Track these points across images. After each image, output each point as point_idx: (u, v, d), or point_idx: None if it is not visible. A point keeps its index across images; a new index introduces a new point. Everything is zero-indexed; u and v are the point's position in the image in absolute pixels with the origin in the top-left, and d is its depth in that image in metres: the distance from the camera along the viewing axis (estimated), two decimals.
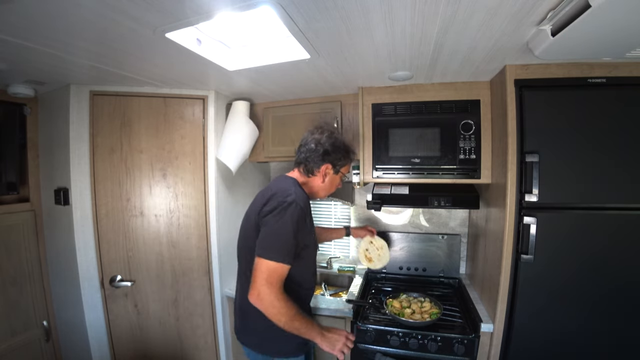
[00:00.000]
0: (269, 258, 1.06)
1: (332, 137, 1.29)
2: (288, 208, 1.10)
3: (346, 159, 1.32)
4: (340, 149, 1.29)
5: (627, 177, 1.21)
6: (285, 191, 1.16)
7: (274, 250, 1.07)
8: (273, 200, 1.14)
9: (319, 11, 0.89)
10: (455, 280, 1.96)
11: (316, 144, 1.26)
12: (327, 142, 1.26)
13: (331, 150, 1.26)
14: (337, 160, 1.29)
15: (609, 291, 1.25)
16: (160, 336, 1.80)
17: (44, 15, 0.88)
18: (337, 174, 1.32)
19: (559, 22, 0.90)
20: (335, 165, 1.30)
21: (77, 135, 1.59)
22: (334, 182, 1.35)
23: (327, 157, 1.27)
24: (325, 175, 1.29)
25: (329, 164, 1.28)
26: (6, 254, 1.64)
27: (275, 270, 1.06)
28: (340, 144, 1.30)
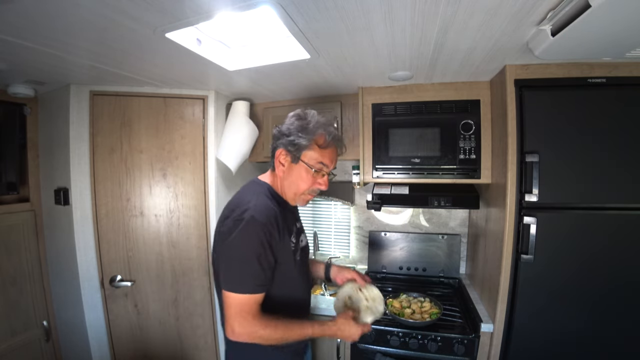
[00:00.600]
0: (235, 291, 0.90)
1: (294, 116, 1.02)
2: (245, 228, 0.90)
3: (304, 139, 0.97)
4: (296, 128, 0.98)
5: (627, 177, 1.21)
6: (243, 206, 0.95)
7: (239, 282, 0.90)
8: (229, 219, 0.95)
9: (319, 11, 0.89)
10: (455, 280, 1.96)
11: (276, 127, 1.04)
12: (285, 122, 1.02)
13: (285, 130, 1.00)
14: (290, 143, 0.98)
15: (609, 291, 1.25)
16: (160, 336, 1.80)
17: (44, 15, 0.88)
18: (296, 162, 1.00)
19: (559, 22, 0.90)
20: (289, 150, 0.99)
21: (77, 135, 1.59)
22: (300, 175, 1.01)
23: (279, 139, 1.01)
24: (282, 166, 1.02)
25: (281, 148, 1.00)
26: (6, 254, 1.64)
27: (245, 304, 0.90)
28: (299, 123, 0.99)
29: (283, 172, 1.03)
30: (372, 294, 1.19)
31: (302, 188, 1.03)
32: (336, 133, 1.04)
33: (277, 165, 1.03)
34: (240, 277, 0.91)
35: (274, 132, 1.05)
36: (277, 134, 1.03)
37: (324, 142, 1.00)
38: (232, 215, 0.94)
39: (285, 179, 1.03)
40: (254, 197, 0.98)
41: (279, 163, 1.02)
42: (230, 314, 0.90)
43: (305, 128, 0.98)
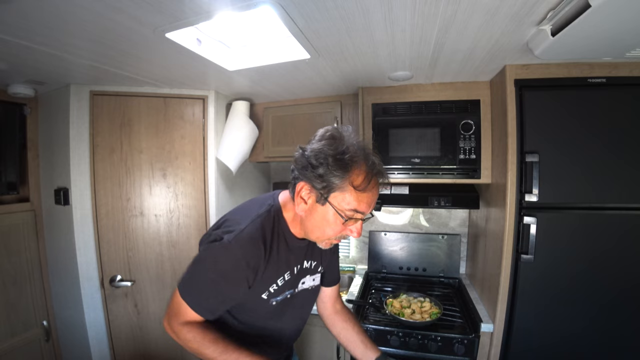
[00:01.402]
0: (181, 294, 0.82)
1: (324, 137, 0.78)
2: (217, 251, 0.78)
3: (336, 177, 0.74)
4: (325, 158, 0.74)
5: (627, 177, 1.21)
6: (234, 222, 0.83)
7: (188, 289, 0.82)
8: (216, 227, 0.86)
9: (319, 11, 0.89)
10: (455, 280, 1.96)
11: (300, 149, 0.82)
12: (315, 150, 0.77)
13: (313, 159, 0.76)
14: (318, 177, 0.75)
15: (610, 291, 1.25)
16: (160, 336, 1.80)
17: (44, 15, 0.88)
18: (322, 204, 0.77)
19: (559, 22, 0.90)
20: (315, 187, 0.76)
21: (77, 135, 1.59)
22: (326, 219, 0.78)
23: (306, 171, 0.77)
24: (303, 202, 0.80)
25: (305, 181, 0.78)
26: (6, 254, 1.64)
27: (185, 309, 0.81)
28: (330, 151, 0.75)
29: (304, 210, 0.81)
30: None
31: (328, 234, 0.82)
32: (380, 166, 0.79)
33: (298, 202, 0.81)
34: (190, 286, 0.83)
35: (296, 155, 0.82)
36: (302, 160, 0.79)
37: (362, 183, 0.75)
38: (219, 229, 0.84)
39: (306, 219, 0.82)
40: (248, 220, 0.83)
41: (301, 199, 0.80)
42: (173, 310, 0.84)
43: (338, 158, 0.74)
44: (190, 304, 0.81)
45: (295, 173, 0.82)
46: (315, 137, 0.81)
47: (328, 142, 0.77)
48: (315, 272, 1.01)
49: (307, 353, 1.69)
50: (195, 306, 0.81)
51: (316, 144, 0.78)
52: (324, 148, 0.76)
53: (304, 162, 0.78)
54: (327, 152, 0.75)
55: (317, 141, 0.79)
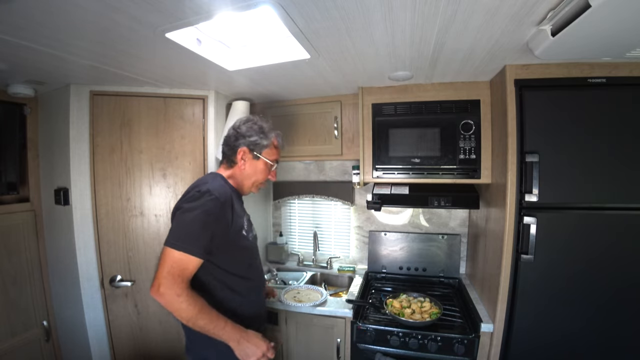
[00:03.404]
0: (172, 246, 0.96)
1: (248, 121, 1.24)
2: (200, 198, 1.03)
3: (263, 139, 1.21)
4: (255, 131, 1.21)
5: (627, 177, 1.21)
6: (200, 185, 1.09)
7: (179, 238, 0.98)
8: (187, 194, 1.10)
9: (319, 11, 0.89)
10: (455, 280, 1.96)
11: (233, 129, 1.23)
12: (242, 126, 1.22)
13: (245, 132, 1.20)
14: (252, 143, 1.20)
15: (610, 290, 1.25)
16: (160, 336, 1.80)
17: (44, 15, 0.88)
18: (257, 159, 1.22)
19: (559, 22, 0.90)
20: (252, 150, 1.20)
21: (77, 135, 1.59)
22: (258, 169, 1.23)
23: (242, 139, 1.20)
24: (243, 161, 1.20)
25: (244, 147, 1.20)
26: (6, 254, 1.64)
27: (180, 261, 0.96)
28: (256, 126, 1.22)
29: (243, 166, 1.21)
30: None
31: (261, 179, 1.25)
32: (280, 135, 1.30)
33: (239, 161, 1.20)
34: (181, 236, 0.98)
35: (230, 134, 1.23)
36: (237, 135, 1.21)
37: (277, 143, 1.27)
38: (190, 191, 1.09)
39: (245, 172, 1.22)
40: (210, 180, 1.14)
41: (241, 159, 1.20)
42: (162, 271, 0.95)
43: (263, 130, 1.22)
44: (187, 249, 0.97)
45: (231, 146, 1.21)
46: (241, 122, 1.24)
47: (252, 122, 1.23)
48: (252, 224, 1.30)
49: (307, 353, 1.69)
50: (192, 249, 0.97)
51: (243, 125, 1.22)
52: (252, 125, 1.22)
53: (237, 135, 1.21)
54: (255, 127, 1.22)
55: (242, 124, 1.23)
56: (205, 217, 1.01)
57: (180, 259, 0.96)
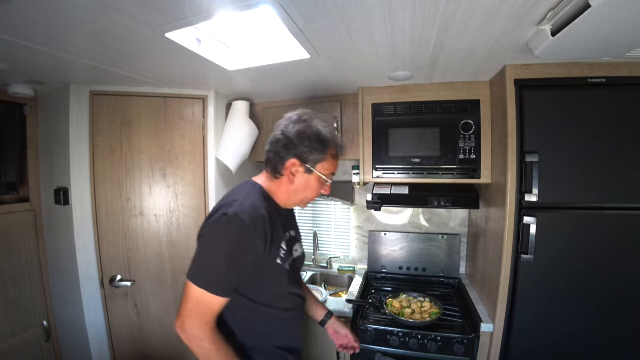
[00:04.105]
0: (196, 283, 0.83)
1: (301, 121, 0.95)
2: (226, 224, 0.84)
3: (320, 152, 0.95)
4: (309, 139, 0.93)
5: (627, 177, 1.21)
6: (229, 204, 0.89)
7: (202, 274, 0.85)
8: (213, 214, 0.90)
9: (318, 11, 0.89)
10: (455, 280, 1.96)
11: (281, 133, 0.95)
12: (293, 130, 0.94)
13: (297, 140, 0.93)
14: (306, 154, 0.94)
15: (610, 290, 1.25)
16: (160, 336, 1.80)
17: (44, 15, 0.88)
18: (309, 173, 0.96)
19: (559, 22, 0.90)
20: (305, 161, 0.95)
21: (77, 135, 1.60)
22: (310, 184, 0.98)
23: (293, 149, 0.93)
24: (292, 175, 0.96)
25: (295, 159, 0.94)
26: (6, 254, 1.64)
27: (203, 300, 0.83)
28: (311, 132, 0.94)
29: (292, 181, 0.97)
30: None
31: (311, 196, 1.01)
32: (341, 140, 1.04)
33: (287, 176, 0.96)
34: (204, 271, 0.85)
35: (278, 138, 0.95)
36: (286, 141, 0.94)
37: (336, 152, 1.00)
38: (217, 212, 0.89)
39: (293, 187, 0.98)
40: (242, 196, 0.92)
41: (290, 173, 0.96)
42: (186, 307, 0.84)
43: (318, 138, 0.94)
44: (210, 288, 0.83)
45: (278, 153, 0.95)
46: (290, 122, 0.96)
47: (305, 125, 0.95)
48: (298, 241, 1.12)
49: (307, 353, 1.69)
50: (215, 289, 0.83)
51: (294, 128, 0.94)
52: (306, 130, 0.94)
53: (287, 143, 0.94)
54: (309, 133, 0.94)
55: (293, 125, 0.95)
56: (231, 251, 0.84)
57: (203, 297, 0.83)
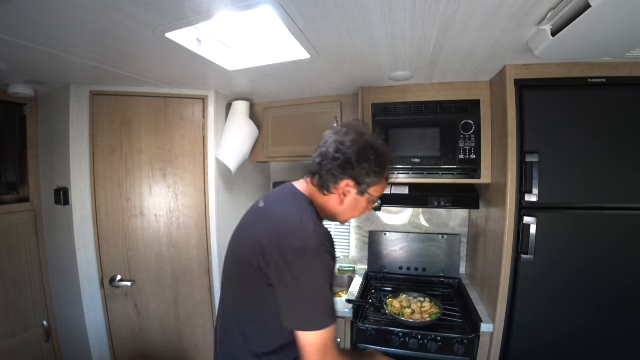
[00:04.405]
0: (315, 329, 0.78)
1: (361, 141, 0.87)
2: (315, 258, 0.79)
3: (378, 175, 0.89)
4: (368, 160, 0.86)
5: (627, 177, 1.21)
6: (301, 228, 0.82)
7: (318, 318, 0.79)
8: (284, 243, 0.80)
9: (319, 11, 0.89)
10: (455, 280, 1.96)
11: (337, 149, 0.87)
12: (352, 148, 0.86)
13: (356, 160, 0.86)
14: (362, 176, 0.87)
15: (609, 290, 1.25)
16: (160, 336, 1.80)
17: (44, 15, 0.88)
18: (362, 195, 0.91)
19: (559, 22, 0.90)
20: (360, 183, 0.88)
21: (77, 135, 1.59)
22: (359, 206, 0.94)
23: (350, 169, 0.86)
24: (344, 196, 0.90)
25: (350, 179, 0.88)
26: (6, 254, 1.64)
27: (328, 338, 0.79)
28: (372, 153, 0.87)
29: (342, 202, 0.92)
30: None
31: (356, 216, 0.99)
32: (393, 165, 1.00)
33: (338, 195, 0.90)
34: (320, 313, 0.80)
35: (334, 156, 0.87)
36: (343, 161, 0.86)
37: (389, 175, 0.96)
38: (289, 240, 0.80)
39: (342, 208, 0.93)
40: (308, 218, 0.86)
41: (342, 193, 0.90)
42: (312, 352, 0.78)
43: (378, 160, 0.88)
44: (327, 323, 0.79)
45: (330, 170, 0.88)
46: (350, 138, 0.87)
47: (367, 144, 0.88)
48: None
49: None
50: (330, 320, 0.80)
51: (354, 144, 0.87)
52: (367, 149, 0.87)
53: (344, 160, 0.86)
54: (369, 155, 0.87)
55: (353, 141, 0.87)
56: (330, 279, 0.82)
57: (327, 336, 0.79)
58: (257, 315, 0.88)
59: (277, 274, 0.80)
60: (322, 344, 0.79)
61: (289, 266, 0.78)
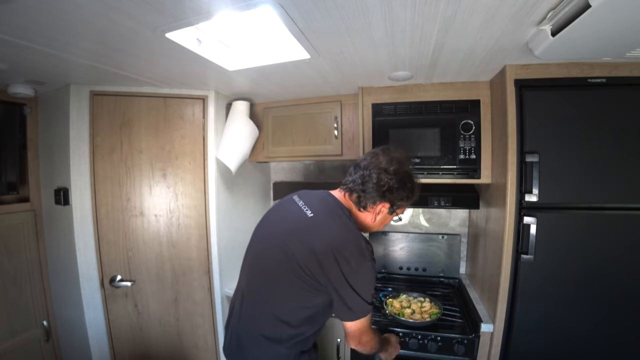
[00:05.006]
0: (361, 318, 1.02)
1: (401, 172, 1.04)
2: (368, 268, 0.98)
3: (409, 200, 1.08)
4: (406, 188, 1.05)
5: (627, 177, 1.21)
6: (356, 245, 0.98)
7: (363, 311, 1.01)
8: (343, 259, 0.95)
9: (318, 11, 0.89)
10: (455, 280, 1.96)
11: (379, 179, 1.02)
12: (394, 179, 1.02)
13: (396, 186, 1.03)
14: (398, 199, 1.05)
15: (609, 290, 1.25)
16: (160, 336, 1.80)
17: (44, 15, 0.88)
18: (391, 214, 1.10)
19: (559, 22, 0.90)
20: (393, 205, 1.06)
21: (77, 135, 1.59)
22: (385, 221, 1.13)
23: (389, 195, 1.04)
24: (378, 214, 1.08)
25: (387, 202, 1.05)
26: (6, 254, 1.64)
27: (368, 323, 1.06)
28: (408, 182, 1.06)
29: (375, 219, 1.09)
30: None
31: (381, 228, 1.18)
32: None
33: (374, 214, 1.08)
34: (366, 307, 1.00)
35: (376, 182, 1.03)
36: (384, 188, 1.02)
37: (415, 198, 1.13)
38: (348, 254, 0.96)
39: (373, 223, 1.11)
40: (359, 234, 1.03)
41: (377, 212, 1.08)
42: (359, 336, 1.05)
43: (412, 189, 1.08)
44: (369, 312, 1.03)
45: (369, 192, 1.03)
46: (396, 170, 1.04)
47: (408, 177, 1.06)
48: None
49: None
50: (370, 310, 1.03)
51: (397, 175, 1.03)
52: (407, 182, 1.05)
53: (389, 186, 1.02)
54: (407, 184, 1.05)
55: (394, 174, 1.03)
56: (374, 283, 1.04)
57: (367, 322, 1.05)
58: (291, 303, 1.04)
59: (336, 281, 0.96)
60: (361, 329, 1.04)
61: (348, 276, 0.95)
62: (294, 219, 1.06)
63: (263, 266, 1.08)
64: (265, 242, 1.10)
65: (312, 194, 1.15)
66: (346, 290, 0.96)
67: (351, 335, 1.05)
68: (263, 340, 1.05)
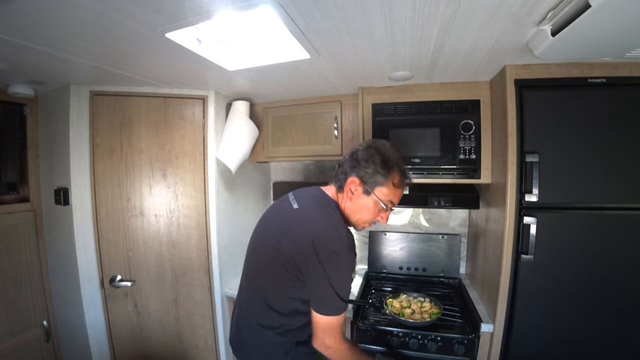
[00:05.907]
0: (329, 314, 0.99)
1: (373, 147, 1.03)
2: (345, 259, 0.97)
3: (382, 176, 1.00)
4: (374, 161, 1.00)
5: (627, 177, 1.21)
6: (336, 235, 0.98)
7: (334, 307, 0.98)
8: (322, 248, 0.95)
9: (318, 11, 0.89)
10: (455, 280, 1.96)
11: (351, 154, 1.05)
12: (363, 152, 1.02)
13: (362, 160, 1.01)
14: (368, 175, 1.01)
15: (609, 290, 1.25)
16: (160, 336, 1.80)
17: (44, 15, 0.88)
18: (367, 194, 1.02)
19: (559, 22, 0.90)
20: (365, 182, 1.01)
21: (77, 135, 1.59)
22: (365, 206, 1.04)
23: (356, 168, 1.02)
24: (351, 193, 1.03)
25: (355, 177, 1.02)
26: (6, 254, 1.64)
27: (334, 322, 1.00)
28: (378, 156, 1.01)
29: (351, 199, 1.05)
30: None
31: (365, 218, 1.08)
32: (408, 173, 1.09)
33: (347, 192, 1.05)
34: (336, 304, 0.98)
35: (348, 157, 1.05)
36: (352, 161, 1.03)
37: (399, 182, 1.04)
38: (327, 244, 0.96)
39: (350, 205, 1.06)
40: (341, 225, 1.02)
41: (349, 190, 1.04)
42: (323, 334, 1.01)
43: (384, 163, 1.01)
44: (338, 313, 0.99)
45: (343, 169, 1.05)
46: (361, 147, 1.05)
47: (375, 150, 1.03)
48: None
49: None
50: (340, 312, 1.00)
51: (363, 151, 1.03)
52: (374, 155, 1.01)
53: (353, 162, 1.03)
54: (375, 157, 1.01)
55: (364, 149, 1.04)
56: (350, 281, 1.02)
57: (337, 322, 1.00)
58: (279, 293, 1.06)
59: (313, 270, 0.96)
60: (328, 326, 0.99)
61: (324, 265, 0.94)
62: (285, 215, 1.08)
63: (259, 261, 1.12)
64: (262, 238, 1.14)
65: (305, 190, 1.16)
66: (321, 280, 0.96)
67: (315, 330, 1.01)
68: (259, 328, 1.08)
